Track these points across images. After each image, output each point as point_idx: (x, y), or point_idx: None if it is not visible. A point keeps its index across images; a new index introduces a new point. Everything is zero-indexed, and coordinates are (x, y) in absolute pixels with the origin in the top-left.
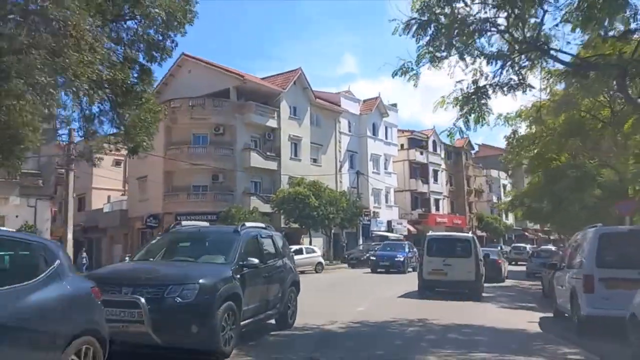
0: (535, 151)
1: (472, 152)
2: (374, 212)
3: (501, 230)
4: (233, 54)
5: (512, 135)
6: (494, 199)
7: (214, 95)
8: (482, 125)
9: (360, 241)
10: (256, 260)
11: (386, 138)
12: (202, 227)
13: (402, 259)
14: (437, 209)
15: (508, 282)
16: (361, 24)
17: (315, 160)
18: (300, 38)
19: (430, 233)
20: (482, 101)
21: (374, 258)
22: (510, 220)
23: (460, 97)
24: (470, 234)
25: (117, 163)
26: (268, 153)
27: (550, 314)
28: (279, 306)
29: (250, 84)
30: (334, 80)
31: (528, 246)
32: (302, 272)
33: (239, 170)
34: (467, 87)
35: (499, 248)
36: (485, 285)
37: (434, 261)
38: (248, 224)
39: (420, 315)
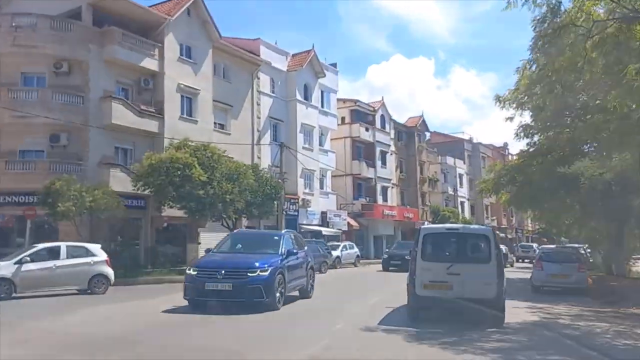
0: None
1: (427, 134)
2: (304, 199)
3: None
4: None
5: None
6: (449, 190)
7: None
8: None
9: None
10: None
11: (322, 106)
12: None
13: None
14: (385, 198)
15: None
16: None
17: (222, 126)
18: None
19: (426, 225)
20: None
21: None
22: (467, 214)
23: None
24: (488, 227)
25: None
26: (144, 107)
27: None
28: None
29: (116, 3)
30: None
31: (535, 245)
32: None
33: (94, 129)
34: None
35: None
36: None
37: (433, 269)
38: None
39: None
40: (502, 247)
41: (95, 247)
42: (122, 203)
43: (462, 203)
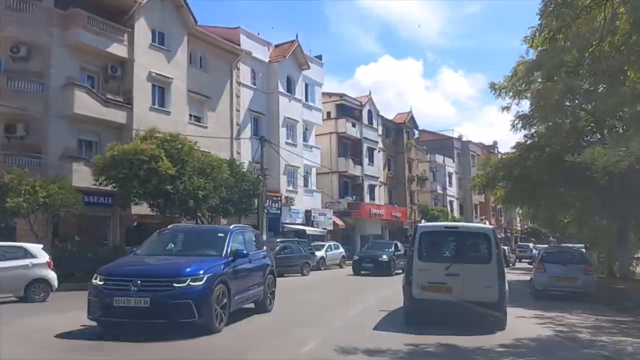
0: None
1: (415, 132)
2: (287, 197)
3: None
4: None
5: None
6: (438, 189)
7: None
8: None
9: (265, 237)
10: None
11: (306, 99)
12: None
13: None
14: (372, 197)
15: None
16: None
17: (198, 119)
18: None
19: (422, 223)
20: None
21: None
22: (456, 213)
23: None
24: (488, 226)
25: None
26: (110, 96)
27: None
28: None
29: None
30: None
31: (531, 245)
32: None
33: (55, 119)
34: None
35: None
36: None
37: (431, 269)
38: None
39: None
40: (504, 247)
41: (36, 248)
42: (82, 199)
43: (451, 202)
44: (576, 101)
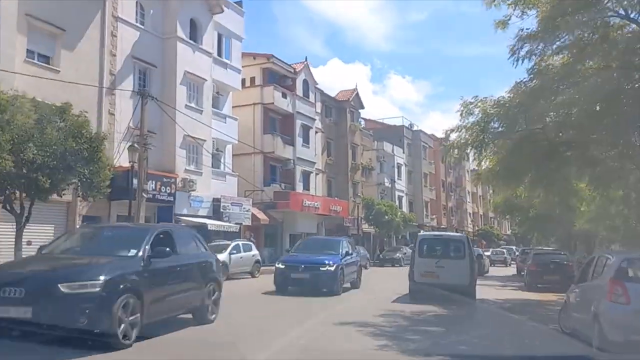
0: None
1: (362, 118)
2: (185, 179)
3: (397, 224)
4: None
5: None
6: (386, 182)
7: None
8: None
9: None
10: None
11: (219, 54)
12: None
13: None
14: (307, 186)
15: None
16: None
17: (45, 58)
18: None
19: (422, 233)
20: None
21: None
22: (405, 210)
23: None
24: (462, 234)
25: None
26: None
27: None
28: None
29: None
30: None
31: (504, 250)
32: None
33: None
34: None
35: None
36: None
37: (426, 263)
38: None
39: None
40: (478, 249)
41: None
42: None
43: (400, 198)
44: None
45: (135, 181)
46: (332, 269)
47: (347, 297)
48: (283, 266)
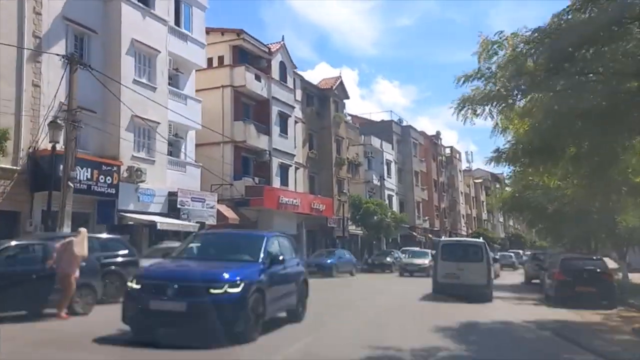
0: None
1: (348, 116)
2: (131, 167)
3: (388, 225)
4: None
5: None
6: (375, 179)
7: None
8: None
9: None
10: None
11: (177, 24)
12: None
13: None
14: (285, 181)
15: None
16: None
17: None
18: None
19: (443, 238)
20: None
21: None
22: (396, 210)
23: None
24: (480, 240)
25: None
26: None
27: None
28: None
29: None
30: None
31: (512, 253)
32: None
33: None
34: None
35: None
36: None
37: (448, 265)
38: None
39: None
40: (492, 253)
41: None
42: None
43: (390, 197)
44: None
45: (61, 168)
46: (236, 290)
47: (274, 346)
48: (138, 286)
